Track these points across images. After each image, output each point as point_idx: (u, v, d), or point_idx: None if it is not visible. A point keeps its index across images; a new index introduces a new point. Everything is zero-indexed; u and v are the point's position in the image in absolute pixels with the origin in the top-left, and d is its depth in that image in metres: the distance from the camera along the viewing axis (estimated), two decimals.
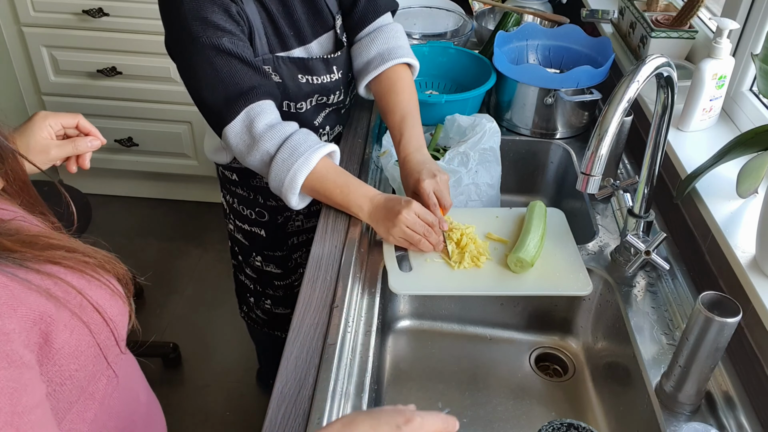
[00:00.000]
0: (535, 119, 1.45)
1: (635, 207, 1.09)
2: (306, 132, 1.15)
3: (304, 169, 1.11)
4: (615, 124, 0.86)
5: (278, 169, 1.12)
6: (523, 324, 1.22)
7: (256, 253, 1.53)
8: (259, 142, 1.12)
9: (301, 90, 1.25)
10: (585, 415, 1.09)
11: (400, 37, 1.33)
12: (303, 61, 1.23)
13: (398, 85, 1.28)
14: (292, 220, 1.47)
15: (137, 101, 2.45)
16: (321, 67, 1.26)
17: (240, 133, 1.13)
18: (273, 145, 1.12)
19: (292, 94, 1.24)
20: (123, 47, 2.32)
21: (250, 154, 1.14)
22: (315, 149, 1.12)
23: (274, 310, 1.63)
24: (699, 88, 1.16)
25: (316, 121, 1.33)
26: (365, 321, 1.04)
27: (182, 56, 1.14)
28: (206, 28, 1.08)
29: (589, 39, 1.54)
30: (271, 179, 1.14)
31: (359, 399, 0.91)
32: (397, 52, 1.29)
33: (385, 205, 1.11)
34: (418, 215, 1.09)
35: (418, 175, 1.14)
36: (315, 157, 1.12)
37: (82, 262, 0.66)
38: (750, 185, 1.02)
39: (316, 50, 1.27)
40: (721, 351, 0.82)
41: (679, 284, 1.08)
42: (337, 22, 1.29)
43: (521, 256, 1.08)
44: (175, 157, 2.60)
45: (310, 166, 1.11)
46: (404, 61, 1.29)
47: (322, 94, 1.29)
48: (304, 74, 1.24)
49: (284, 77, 1.22)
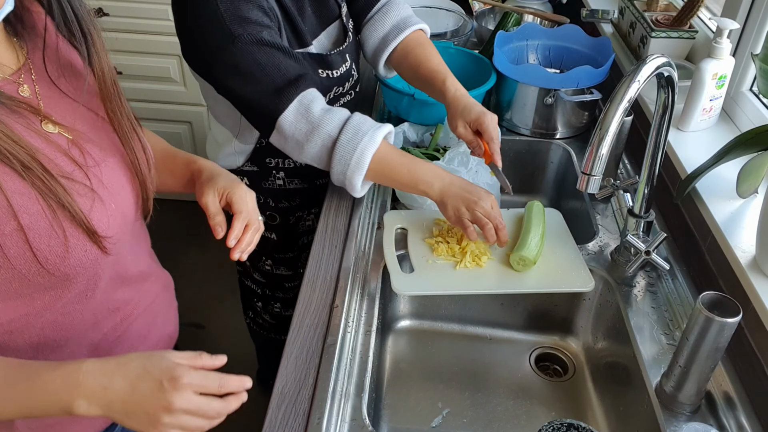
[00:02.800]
0: (535, 119, 1.45)
1: (635, 207, 1.09)
2: (362, 115, 1.15)
3: (371, 147, 1.10)
4: (615, 124, 0.86)
5: (343, 151, 1.10)
6: (523, 324, 1.22)
7: (266, 258, 1.52)
8: (320, 127, 1.10)
9: (322, 85, 1.24)
10: (585, 415, 1.09)
11: (407, 8, 1.37)
12: (322, 57, 1.23)
13: (424, 41, 1.32)
14: (304, 220, 1.47)
15: (137, 101, 2.45)
16: (338, 60, 1.26)
17: (295, 121, 1.11)
18: (334, 127, 1.10)
19: None
20: (123, 47, 2.32)
21: (310, 141, 1.11)
22: (377, 128, 1.12)
23: (284, 313, 1.62)
24: (699, 88, 1.16)
25: None
26: (365, 321, 1.04)
27: (222, 59, 1.09)
28: (246, 25, 1.07)
29: (589, 39, 1.54)
30: (335, 163, 1.12)
31: (359, 399, 0.91)
32: (411, 20, 1.34)
33: (461, 186, 1.11)
34: (493, 208, 1.09)
35: (481, 108, 1.16)
36: (379, 134, 1.11)
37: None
38: (750, 185, 1.02)
39: (325, 41, 1.28)
40: (721, 351, 0.82)
41: (679, 284, 1.08)
42: (342, 10, 1.30)
43: (523, 254, 1.08)
44: None
45: (376, 143, 1.10)
46: (420, 26, 1.34)
47: (339, 85, 1.29)
48: (324, 69, 1.24)
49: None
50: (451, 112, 1.20)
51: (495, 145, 1.15)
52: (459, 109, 1.18)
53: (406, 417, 1.09)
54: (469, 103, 1.18)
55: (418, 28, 1.33)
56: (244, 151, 1.32)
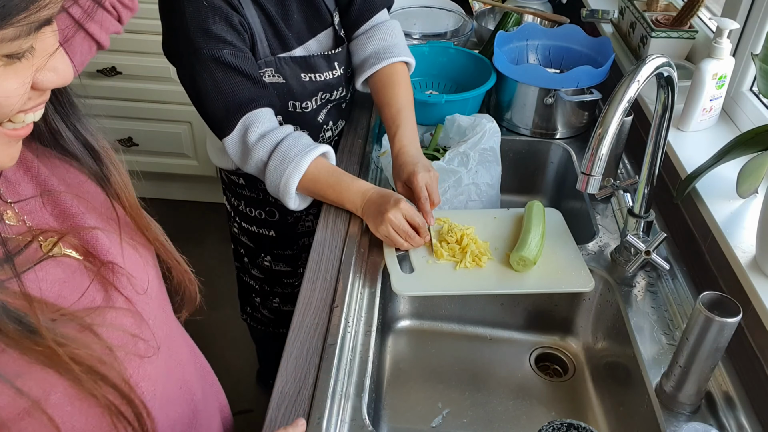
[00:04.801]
0: (535, 119, 1.45)
1: (635, 207, 1.09)
2: (297, 136, 1.17)
3: (295, 174, 1.13)
4: (615, 124, 0.86)
5: (272, 176, 1.15)
6: (523, 324, 1.22)
7: (265, 254, 1.52)
8: (252, 151, 1.15)
9: (306, 89, 1.26)
10: (585, 415, 1.09)
11: (397, 34, 1.34)
12: (305, 59, 1.24)
13: (394, 80, 1.30)
14: (303, 221, 1.47)
15: (137, 101, 2.45)
16: (323, 63, 1.26)
17: (237, 143, 1.16)
18: (265, 152, 1.14)
19: (297, 93, 1.25)
20: (123, 47, 2.32)
21: (246, 163, 1.17)
22: (305, 153, 1.14)
23: (283, 308, 1.63)
24: (699, 88, 1.16)
25: (319, 117, 1.33)
26: (365, 321, 1.04)
27: (183, 64, 1.15)
28: (208, 39, 1.10)
29: (589, 39, 1.54)
30: (267, 185, 1.17)
31: (359, 399, 0.91)
32: (393, 50, 1.31)
33: (375, 201, 1.13)
34: (405, 216, 1.10)
35: (413, 168, 1.15)
36: (305, 161, 1.13)
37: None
38: (750, 185, 1.02)
39: (315, 48, 1.28)
40: (721, 351, 0.82)
41: (679, 284, 1.08)
42: (334, 19, 1.30)
43: (524, 254, 1.08)
44: (175, 157, 2.60)
45: (301, 171, 1.13)
46: (400, 59, 1.31)
47: (325, 91, 1.30)
48: (307, 72, 1.25)
49: (287, 77, 1.23)
50: (392, 170, 1.22)
51: (421, 204, 1.13)
52: (396, 168, 1.20)
53: (406, 417, 1.09)
54: (405, 162, 1.18)
55: (396, 61, 1.30)
56: None
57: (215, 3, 1.10)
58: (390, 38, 1.32)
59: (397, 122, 1.24)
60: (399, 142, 1.21)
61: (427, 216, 1.12)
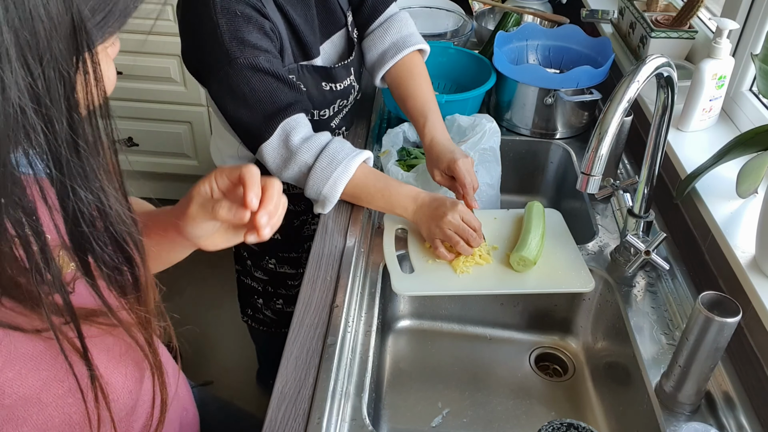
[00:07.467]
0: (535, 119, 1.45)
1: (635, 207, 1.09)
2: (341, 140, 1.17)
3: (344, 177, 1.13)
4: (615, 124, 0.86)
5: (317, 178, 1.13)
6: (523, 324, 1.22)
7: (269, 257, 1.52)
8: (297, 155, 1.13)
9: (326, 98, 1.26)
10: (585, 415, 1.09)
11: (410, 24, 1.36)
12: (326, 69, 1.24)
13: (415, 71, 1.31)
14: (309, 224, 1.47)
15: (137, 101, 2.45)
16: (343, 73, 1.28)
17: (277, 147, 1.14)
18: (310, 156, 1.13)
19: (316, 102, 1.25)
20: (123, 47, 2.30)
21: (288, 168, 1.15)
22: (352, 157, 1.13)
23: (286, 309, 1.63)
24: (699, 88, 1.16)
25: (333, 123, 1.34)
26: (365, 321, 1.04)
27: (218, 77, 1.12)
28: (244, 48, 1.08)
29: (589, 39, 1.54)
30: (308, 189, 1.15)
31: (359, 399, 0.91)
32: (410, 39, 1.32)
33: (430, 205, 1.12)
34: (463, 218, 1.09)
35: (452, 155, 1.15)
36: (353, 164, 1.13)
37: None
38: (750, 185, 1.02)
39: (329, 50, 1.28)
40: (720, 351, 0.82)
41: (679, 284, 1.08)
42: (348, 19, 1.31)
43: (524, 254, 1.08)
44: (175, 157, 2.60)
45: (349, 174, 1.13)
46: (418, 47, 1.33)
47: (343, 98, 1.31)
48: (328, 82, 1.26)
49: (308, 86, 1.23)
50: (427, 160, 1.22)
51: (467, 190, 1.14)
52: (432, 158, 1.20)
53: (406, 417, 1.09)
54: (442, 151, 1.18)
55: (415, 48, 1.32)
56: (248, 157, 1.32)
57: (247, 12, 1.09)
58: (405, 29, 1.34)
59: (425, 113, 1.25)
60: (430, 133, 1.22)
61: (472, 201, 1.14)
